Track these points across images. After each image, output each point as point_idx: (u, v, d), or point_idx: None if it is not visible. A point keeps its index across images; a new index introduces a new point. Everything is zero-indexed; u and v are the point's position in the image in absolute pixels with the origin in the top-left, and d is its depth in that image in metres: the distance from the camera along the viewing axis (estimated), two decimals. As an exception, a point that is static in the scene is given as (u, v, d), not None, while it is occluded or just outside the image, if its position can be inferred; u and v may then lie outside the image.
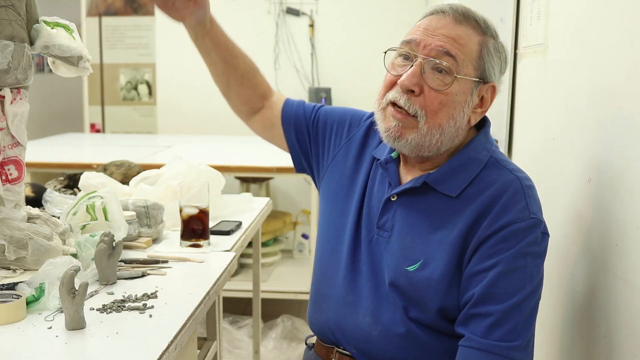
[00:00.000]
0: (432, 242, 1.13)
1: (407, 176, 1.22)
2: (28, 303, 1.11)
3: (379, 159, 1.25)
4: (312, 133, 1.39)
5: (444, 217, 1.14)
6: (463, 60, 1.11)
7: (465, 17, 1.13)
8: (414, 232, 1.16)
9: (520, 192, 1.11)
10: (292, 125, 1.41)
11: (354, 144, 1.33)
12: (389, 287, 1.16)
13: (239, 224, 1.77)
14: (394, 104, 1.14)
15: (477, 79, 1.13)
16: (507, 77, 1.91)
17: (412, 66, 1.12)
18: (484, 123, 1.22)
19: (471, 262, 1.10)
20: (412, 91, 1.11)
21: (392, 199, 1.20)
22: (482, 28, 1.14)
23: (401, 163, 1.24)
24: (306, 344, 1.37)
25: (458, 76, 1.10)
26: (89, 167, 2.65)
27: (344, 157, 1.33)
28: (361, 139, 1.32)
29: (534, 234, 1.09)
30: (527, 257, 1.08)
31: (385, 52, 1.19)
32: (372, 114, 1.30)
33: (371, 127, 1.31)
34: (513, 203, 1.10)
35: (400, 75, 1.13)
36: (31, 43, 1.29)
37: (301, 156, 1.42)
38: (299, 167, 1.44)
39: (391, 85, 1.16)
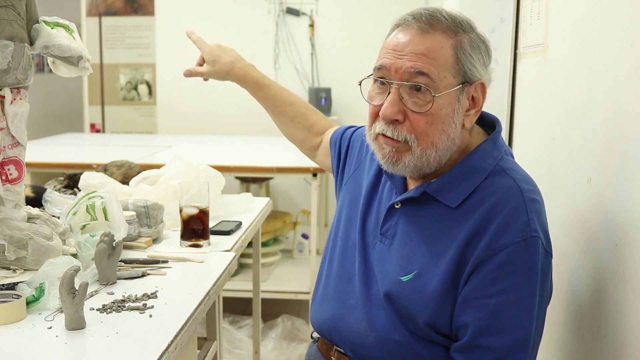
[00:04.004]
0: (429, 254, 1.10)
1: (413, 183, 1.19)
2: (28, 303, 1.11)
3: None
4: (343, 157, 1.43)
5: (444, 229, 1.10)
6: (439, 74, 1.05)
7: (431, 24, 1.07)
8: (413, 241, 1.13)
9: (521, 206, 1.05)
10: (333, 153, 1.47)
11: (370, 154, 1.32)
12: (383, 296, 1.14)
13: (239, 224, 1.77)
14: (386, 137, 1.11)
15: (460, 85, 1.08)
16: (507, 77, 1.91)
17: (389, 93, 1.08)
18: (495, 126, 1.18)
19: (469, 283, 1.06)
20: (397, 120, 1.08)
21: (396, 207, 1.18)
22: (452, 29, 1.07)
23: None
24: (312, 337, 1.37)
25: (436, 95, 1.05)
26: (89, 167, 2.65)
27: (362, 169, 1.33)
28: (372, 154, 1.32)
29: (537, 255, 1.04)
30: (531, 286, 1.04)
31: (360, 83, 1.16)
32: None
33: None
34: (514, 219, 1.04)
35: (382, 105, 1.09)
36: (31, 43, 1.29)
37: (336, 177, 1.46)
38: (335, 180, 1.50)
39: (375, 115, 1.12)
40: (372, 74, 1.13)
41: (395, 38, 1.10)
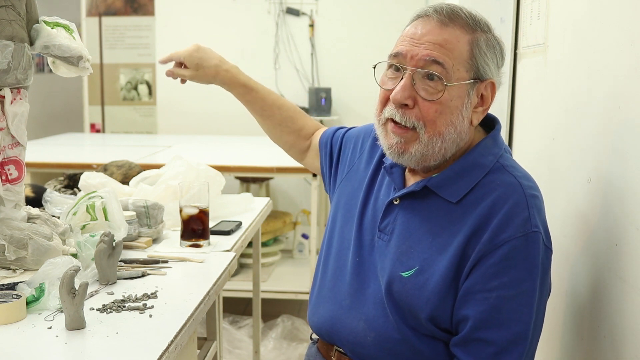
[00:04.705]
0: (430, 250, 1.11)
1: (412, 179, 1.20)
2: (28, 303, 1.11)
3: (385, 164, 1.24)
4: (335, 158, 1.43)
5: (444, 224, 1.11)
6: (453, 66, 1.08)
7: (451, 19, 1.09)
8: (413, 237, 1.14)
9: (522, 202, 1.06)
10: (323, 154, 1.46)
11: (364, 155, 1.33)
12: (384, 292, 1.14)
13: (239, 224, 1.77)
14: (392, 119, 1.12)
15: (472, 80, 1.10)
16: (507, 77, 1.91)
17: (402, 79, 1.10)
18: (494, 125, 1.19)
19: (471, 277, 1.07)
20: (406, 105, 1.10)
21: (395, 202, 1.18)
22: (470, 26, 1.10)
23: (407, 167, 1.22)
24: (311, 338, 1.37)
25: (448, 84, 1.07)
26: (89, 167, 2.65)
27: (357, 170, 1.33)
28: (369, 147, 1.33)
29: (537, 250, 1.05)
30: (531, 280, 1.04)
31: (375, 67, 1.17)
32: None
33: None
34: (515, 215, 1.05)
35: (393, 90, 1.11)
36: (31, 43, 1.29)
37: (328, 178, 1.45)
38: (326, 188, 1.49)
39: (386, 100, 1.14)
40: (387, 60, 1.15)
41: (414, 28, 1.12)
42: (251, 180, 3.80)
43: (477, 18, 1.12)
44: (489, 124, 1.21)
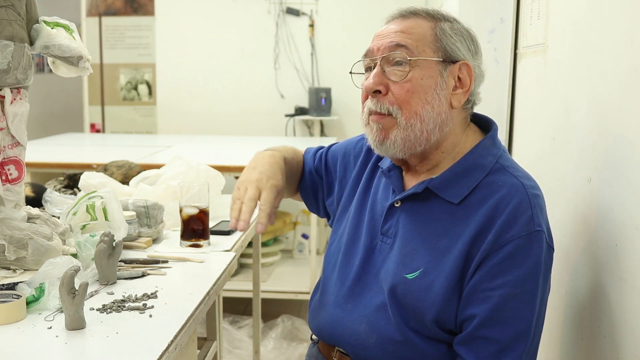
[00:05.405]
0: (434, 251, 1.11)
1: (411, 182, 1.20)
2: (28, 303, 1.11)
3: (382, 168, 1.25)
4: (324, 179, 1.41)
5: (447, 225, 1.11)
6: (417, 47, 1.12)
7: (413, 12, 1.16)
8: (416, 239, 1.14)
9: (525, 202, 1.07)
10: (307, 179, 1.44)
11: (357, 165, 1.34)
12: (387, 294, 1.14)
13: (239, 224, 1.77)
14: (372, 112, 1.15)
15: (440, 59, 1.12)
16: (507, 77, 1.91)
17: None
18: (490, 127, 1.20)
19: (475, 276, 1.07)
20: (379, 92, 1.13)
21: (396, 205, 1.19)
22: (432, 16, 1.15)
23: (404, 170, 1.22)
24: (311, 339, 1.37)
25: (411, 59, 1.11)
26: (89, 167, 2.65)
27: (354, 183, 1.33)
28: (363, 156, 1.33)
29: (540, 249, 1.06)
30: (534, 279, 1.05)
31: (351, 73, 1.22)
32: (363, 135, 1.28)
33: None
34: (519, 214, 1.06)
35: None
36: (31, 43, 1.29)
37: (317, 202, 1.43)
38: (315, 211, 1.46)
39: (366, 98, 1.17)
40: (361, 60, 1.21)
41: (381, 29, 1.19)
42: (251, 180, 3.79)
43: (441, 12, 1.16)
44: (486, 125, 1.21)
